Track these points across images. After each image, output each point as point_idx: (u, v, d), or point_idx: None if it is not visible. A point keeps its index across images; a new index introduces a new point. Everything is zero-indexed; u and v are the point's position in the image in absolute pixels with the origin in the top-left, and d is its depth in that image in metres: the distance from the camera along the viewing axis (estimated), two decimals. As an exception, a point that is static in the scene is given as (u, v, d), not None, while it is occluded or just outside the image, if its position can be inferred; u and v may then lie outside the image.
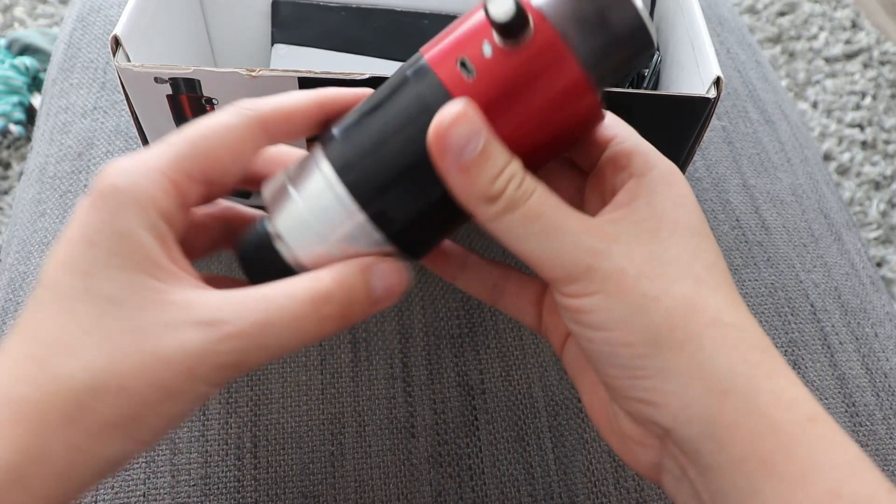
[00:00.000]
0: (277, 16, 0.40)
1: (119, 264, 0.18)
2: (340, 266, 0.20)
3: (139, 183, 0.19)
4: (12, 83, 0.89)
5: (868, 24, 1.11)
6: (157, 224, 0.19)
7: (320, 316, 0.19)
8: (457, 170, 0.19)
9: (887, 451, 0.32)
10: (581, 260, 0.19)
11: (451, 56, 0.20)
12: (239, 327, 0.18)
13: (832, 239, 0.39)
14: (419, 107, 0.20)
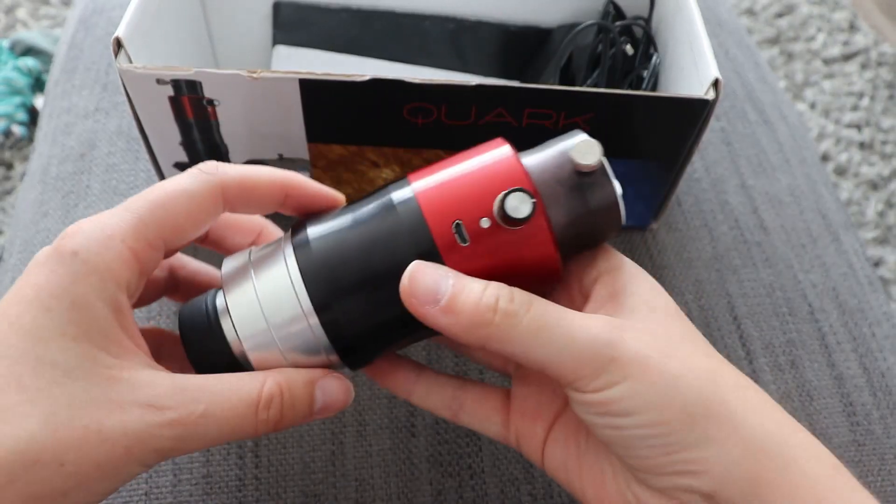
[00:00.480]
0: (278, 17, 0.40)
1: (73, 334, 0.18)
2: (289, 374, 0.21)
3: (100, 253, 0.19)
4: (15, 84, 0.89)
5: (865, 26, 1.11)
6: (116, 296, 0.19)
7: (259, 419, 0.20)
8: (441, 314, 0.19)
9: (884, 449, 0.32)
10: (602, 355, 0.19)
11: (448, 215, 0.21)
12: (181, 415, 0.18)
13: (830, 239, 0.39)
14: (404, 251, 0.20)
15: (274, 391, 0.20)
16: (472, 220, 0.20)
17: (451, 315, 0.19)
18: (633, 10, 0.40)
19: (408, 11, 0.41)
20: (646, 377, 0.19)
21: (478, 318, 0.19)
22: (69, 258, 0.18)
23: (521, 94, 0.29)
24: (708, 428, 0.19)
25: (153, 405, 0.18)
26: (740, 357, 0.34)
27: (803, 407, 0.33)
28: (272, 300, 0.21)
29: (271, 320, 0.21)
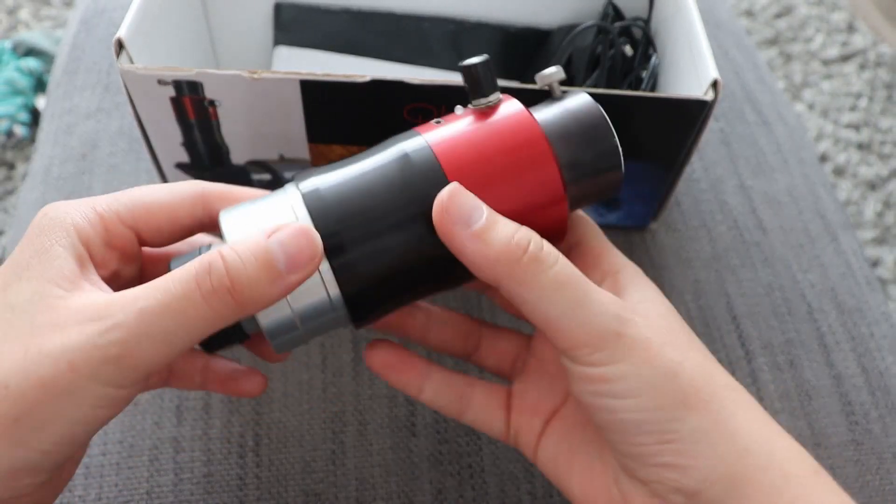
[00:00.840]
0: (279, 18, 0.41)
1: (30, 276, 0.19)
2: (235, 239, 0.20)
3: (68, 212, 0.21)
4: (17, 85, 0.89)
5: (864, 27, 1.11)
6: (76, 245, 0.20)
7: (204, 291, 0.18)
8: (470, 238, 0.19)
9: (882, 448, 0.32)
10: (610, 327, 0.19)
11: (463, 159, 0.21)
12: (119, 319, 0.18)
13: (828, 239, 0.39)
14: (422, 193, 0.20)
15: (212, 256, 0.18)
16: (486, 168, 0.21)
17: (479, 242, 0.19)
18: (633, 11, 0.40)
19: (408, 12, 0.41)
20: (647, 360, 0.19)
21: (506, 254, 0.19)
22: (39, 219, 0.20)
23: (520, 95, 0.30)
24: (699, 420, 0.19)
25: (91, 319, 0.18)
26: (739, 357, 0.34)
27: (802, 406, 0.33)
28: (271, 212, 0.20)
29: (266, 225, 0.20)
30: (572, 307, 0.19)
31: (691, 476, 0.19)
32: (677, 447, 0.19)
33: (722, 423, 0.20)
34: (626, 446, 0.20)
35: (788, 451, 0.20)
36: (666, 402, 0.19)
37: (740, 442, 0.20)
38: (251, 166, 0.34)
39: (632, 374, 0.19)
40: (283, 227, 0.19)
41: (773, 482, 0.19)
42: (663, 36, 0.37)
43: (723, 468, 0.19)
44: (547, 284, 0.19)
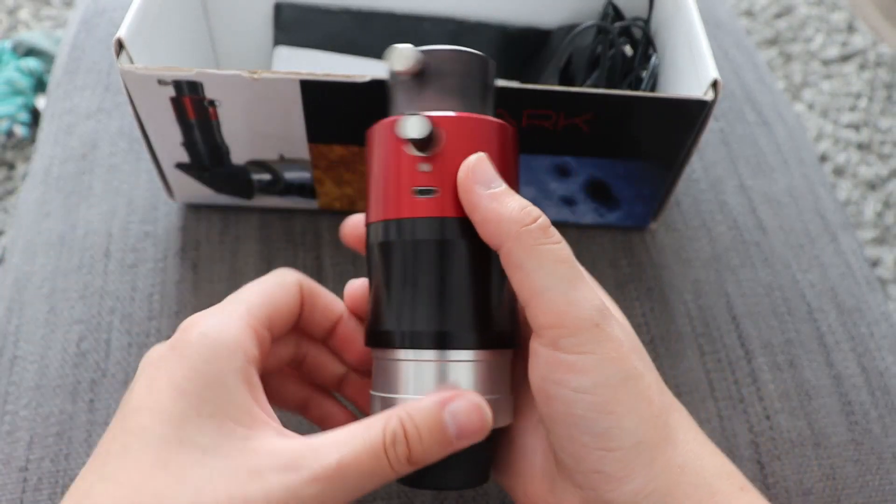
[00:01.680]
0: (279, 18, 0.41)
1: (209, 412, 0.19)
2: (410, 405, 0.20)
3: (227, 330, 0.20)
4: (17, 85, 0.89)
5: (864, 27, 1.11)
6: (246, 368, 0.20)
7: (391, 458, 0.19)
8: (488, 197, 0.21)
9: (882, 448, 0.32)
10: (591, 316, 0.20)
11: (405, 200, 0.22)
12: (317, 471, 0.18)
13: (828, 239, 0.39)
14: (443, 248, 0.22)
15: (395, 426, 0.20)
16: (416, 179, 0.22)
17: (495, 202, 0.20)
18: (633, 11, 0.40)
19: (408, 13, 0.41)
20: (614, 360, 0.20)
21: (518, 217, 0.20)
22: (198, 339, 0.20)
23: (520, 95, 0.30)
24: (646, 432, 0.20)
25: (289, 467, 0.18)
26: (739, 357, 0.34)
27: (802, 406, 0.33)
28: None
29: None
30: (564, 284, 0.20)
31: (625, 488, 0.20)
32: (618, 456, 0.20)
33: (665, 439, 0.20)
34: (569, 443, 0.20)
35: (719, 469, 0.21)
36: (620, 408, 0.20)
37: (678, 459, 0.20)
38: (251, 166, 0.34)
39: (597, 369, 0.20)
40: (458, 398, 0.20)
41: (701, 499, 0.20)
42: (663, 36, 0.37)
43: (657, 483, 0.20)
44: (547, 255, 0.20)
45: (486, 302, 0.22)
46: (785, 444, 0.32)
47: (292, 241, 0.36)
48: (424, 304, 0.21)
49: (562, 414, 0.20)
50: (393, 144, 0.22)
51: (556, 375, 0.20)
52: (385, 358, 0.22)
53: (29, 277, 0.35)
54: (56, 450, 0.30)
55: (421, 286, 0.22)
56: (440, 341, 0.21)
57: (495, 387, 0.22)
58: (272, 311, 0.22)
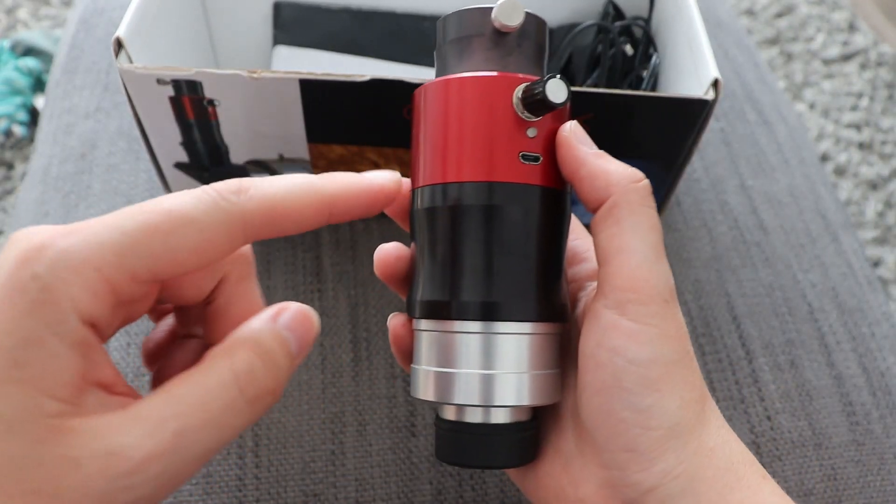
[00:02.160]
0: (279, 18, 0.41)
1: (17, 377, 0.15)
2: (247, 326, 0.17)
3: (66, 279, 0.15)
4: (16, 84, 0.89)
5: (865, 26, 1.11)
6: (77, 331, 0.16)
7: (252, 394, 0.16)
8: (595, 155, 0.21)
9: (883, 449, 0.32)
10: (665, 291, 0.20)
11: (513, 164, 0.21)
12: (151, 450, 0.15)
13: (829, 239, 0.39)
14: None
15: (246, 359, 0.17)
16: (528, 143, 0.21)
17: (602, 159, 0.21)
18: (633, 10, 0.40)
19: (408, 12, 0.41)
20: (674, 339, 0.20)
21: (626, 175, 0.20)
22: (27, 283, 0.15)
23: (520, 95, 0.30)
24: (685, 414, 0.20)
25: (114, 452, 0.15)
26: (740, 357, 0.34)
27: (803, 406, 0.33)
28: None
29: None
30: (652, 252, 0.20)
31: (655, 468, 0.19)
32: (655, 436, 0.19)
33: (701, 423, 0.20)
34: (607, 418, 0.20)
35: (743, 456, 0.21)
36: (667, 387, 0.19)
37: (709, 443, 0.20)
38: (250, 166, 0.34)
39: (656, 343, 0.19)
40: (285, 313, 0.18)
41: (727, 482, 0.20)
42: (664, 35, 0.37)
43: (685, 465, 0.19)
44: (646, 218, 0.20)
45: (557, 272, 0.22)
46: (786, 444, 0.32)
47: (291, 240, 0.36)
48: (504, 271, 0.21)
49: (608, 385, 0.20)
50: (502, 103, 0.21)
51: (615, 342, 0.19)
52: (433, 329, 0.21)
53: (28, 277, 0.35)
54: (55, 450, 0.30)
55: (508, 253, 0.21)
56: (516, 311, 0.21)
57: (550, 360, 0.22)
58: (161, 262, 0.16)
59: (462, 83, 0.21)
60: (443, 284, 0.21)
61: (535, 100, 0.20)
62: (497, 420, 0.21)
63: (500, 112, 0.21)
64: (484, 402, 0.21)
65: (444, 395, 0.21)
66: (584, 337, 0.21)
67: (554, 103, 0.20)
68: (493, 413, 0.21)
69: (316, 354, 0.33)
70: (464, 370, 0.21)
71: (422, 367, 0.22)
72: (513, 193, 0.21)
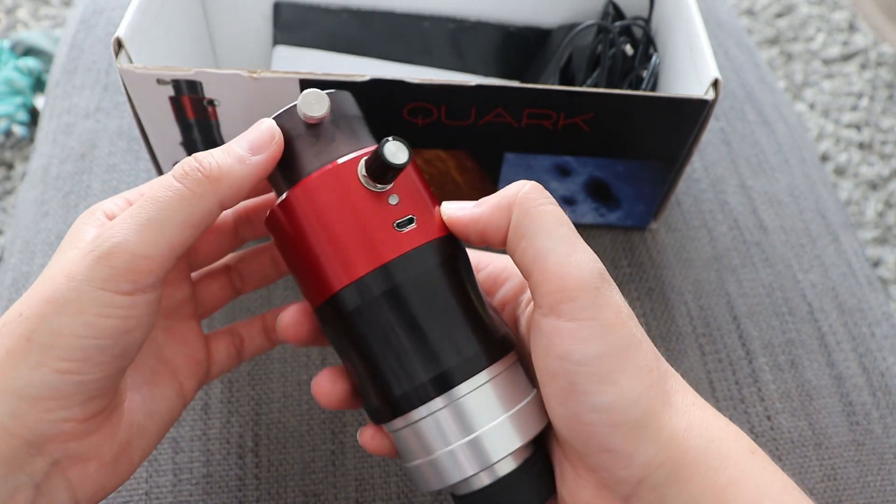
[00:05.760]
0: (279, 18, 0.41)
1: (59, 252, 0.21)
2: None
3: (97, 204, 0.22)
4: (16, 84, 0.89)
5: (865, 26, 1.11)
6: (100, 219, 0.22)
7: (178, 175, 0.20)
8: (477, 206, 0.21)
9: (884, 449, 0.32)
10: (592, 278, 0.20)
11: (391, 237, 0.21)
12: (108, 224, 0.20)
13: (829, 239, 0.39)
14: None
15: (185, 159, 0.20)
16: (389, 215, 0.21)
17: (485, 203, 0.21)
18: (633, 10, 0.40)
19: (408, 12, 0.41)
20: (614, 326, 0.19)
21: (514, 189, 0.21)
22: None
23: (520, 95, 0.30)
24: (651, 401, 0.19)
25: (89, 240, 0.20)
26: (740, 357, 0.34)
27: (803, 406, 0.33)
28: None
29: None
30: (565, 245, 0.20)
31: (636, 462, 0.19)
32: (624, 431, 0.19)
33: (666, 405, 0.20)
34: (576, 425, 0.20)
35: (724, 432, 0.20)
36: (623, 378, 0.19)
37: (681, 423, 0.20)
38: (250, 166, 0.34)
39: (598, 337, 0.19)
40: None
41: (711, 463, 0.19)
42: (664, 35, 0.37)
43: (668, 452, 0.19)
44: (547, 216, 0.20)
45: (482, 308, 0.21)
46: (786, 444, 0.32)
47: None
48: (437, 338, 0.20)
49: (567, 392, 0.20)
50: (350, 187, 0.20)
51: (560, 347, 0.19)
52: (404, 426, 0.21)
53: (27, 277, 0.35)
54: (54, 450, 0.30)
55: (432, 319, 0.20)
56: (466, 369, 0.20)
57: (521, 390, 0.21)
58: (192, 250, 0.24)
59: (305, 189, 0.21)
60: (389, 382, 0.21)
61: (379, 169, 0.20)
62: (505, 471, 0.21)
63: (353, 197, 0.20)
64: (483, 466, 0.20)
65: (444, 478, 0.21)
66: (534, 351, 0.21)
67: (397, 165, 0.20)
68: (498, 467, 0.21)
69: (316, 354, 0.33)
70: (448, 447, 0.20)
71: (412, 463, 0.21)
72: (409, 263, 0.20)
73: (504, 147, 0.32)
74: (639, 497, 0.20)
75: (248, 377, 0.32)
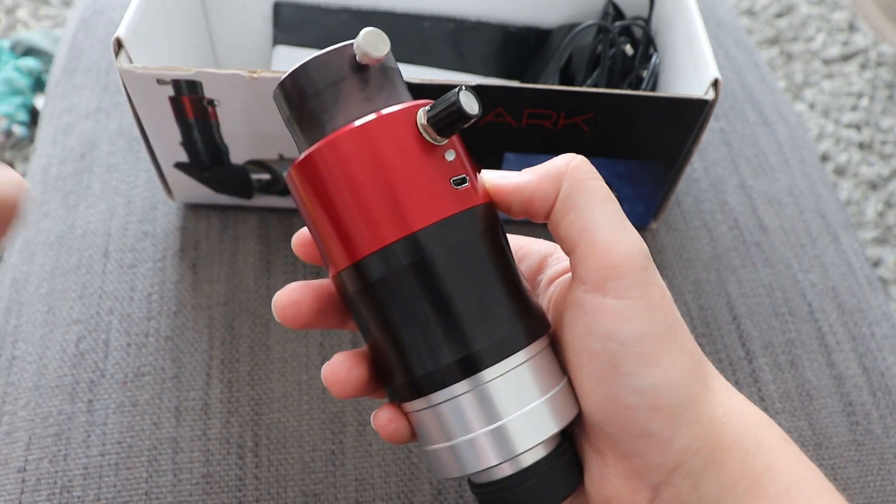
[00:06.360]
0: (279, 18, 0.41)
1: None
2: None
3: None
4: (16, 84, 0.89)
5: (865, 26, 1.11)
6: None
7: None
8: (522, 175, 0.20)
9: (883, 449, 0.32)
10: (639, 257, 0.19)
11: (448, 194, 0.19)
12: None
13: (829, 239, 0.39)
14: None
15: None
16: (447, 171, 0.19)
17: (531, 171, 0.20)
18: (633, 10, 0.40)
19: (408, 12, 0.41)
20: (659, 307, 0.19)
21: (564, 160, 0.20)
22: None
23: (520, 94, 0.30)
24: (691, 385, 0.19)
25: None
26: (740, 357, 0.34)
27: (803, 406, 0.33)
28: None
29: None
30: (614, 221, 0.19)
31: (675, 447, 0.19)
32: (667, 414, 0.19)
33: (706, 389, 0.19)
34: (614, 408, 0.19)
35: (758, 417, 0.20)
36: (667, 360, 0.19)
37: (719, 409, 0.19)
38: (250, 166, 0.34)
39: (644, 317, 0.19)
40: None
41: (748, 448, 0.19)
42: (664, 35, 0.37)
43: (705, 436, 0.19)
44: (597, 190, 0.20)
45: (520, 280, 0.20)
46: (786, 444, 0.32)
47: (291, 240, 0.36)
48: (474, 312, 0.19)
49: (606, 373, 0.19)
50: (409, 138, 0.19)
51: (604, 326, 0.19)
52: (434, 403, 0.19)
53: (27, 277, 0.35)
54: (54, 450, 0.30)
55: (472, 289, 0.19)
56: (497, 351, 0.19)
57: (556, 373, 0.20)
58: None
59: (358, 135, 0.18)
60: (414, 360, 0.19)
61: (449, 118, 0.18)
62: (528, 462, 0.19)
63: (411, 147, 0.19)
64: (506, 457, 0.19)
65: (464, 467, 0.19)
66: (570, 330, 0.20)
67: (471, 115, 0.18)
68: (522, 458, 0.19)
69: (316, 354, 0.33)
70: (470, 435, 0.19)
71: (429, 447, 0.20)
72: (462, 224, 0.19)
73: (504, 147, 0.32)
74: (671, 484, 0.19)
75: (248, 377, 0.32)
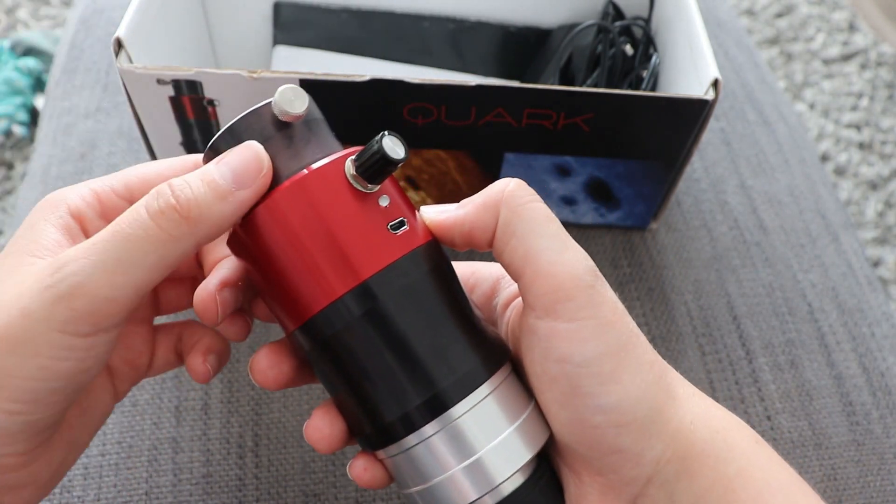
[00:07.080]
0: (279, 18, 0.41)
1: (13, 251, 0.19)
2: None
3: (63, 192, 0.21)
4: (16, 85, 0.89)
5: (865, 26, 1.11)
6: (65, 218, 0.20)
7: (152, 213, 0.18)
8: (460, 208, 0.21)
9: (883, 449, 0.32)
10: (586, 277, 0.19)
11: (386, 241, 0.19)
12: (71, 255, 0.18)
13: (829, 239, 0.39)
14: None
15: (160, 185, 0.18)
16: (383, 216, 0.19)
17: (469, 204, 0.20)
18: (633, 10, 0.40)
19: (408, 12, 0.41)
20: (611, 323, 0.19)
21: (499, 187, 0.20)
22: (39, 202, 0.21)
23: (520, 94, 0.30)
24: (656, 398, 0.19)
25: (49, 267, 0.18)
26: (740, 357, 0.34)
27: (803, 406, 0.33)
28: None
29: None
30: (557, 243, 0.19)
31: (646, 460, 0.19)
32: (634, 429, 0.19)
33: (673, 398, 0.19)
34: (581, 429, 0.19)
35: (727, 421, 0.20)
36: (626, 376, 0.19)
37: (686, 416, 0.19)
38: (250, 166, 0.34)
39: (597, 336, 0.18)
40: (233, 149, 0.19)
41: (718, 454, 0.19)
42: (664, 35, 0.37)
43: (675, 446, 0.19)
44: (536, 213, 0.19)
45: (472, 313, 0.20)
46: (786, 444, 0.32)
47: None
48: (433, 353, 0.19)
49: (568, 396, 0.19)
50: (339, 189, 0.19)
51: (559, 350, 0.19)
52: (406, 447, 0.19)
53: (27, 277, 0.35)
54: (54, 450, 0.30)
55: (428, 329, 0.19)
56: (461, 387, 0.19)
57: (523, 399, 0.20)
58: (139, 182, 0.22)
59: (287, 195, 0.18)
60: (381, 407, 0.19)
61: (375, 166, 0.18)
62: (509, 490, 0.19)
63: (343, 200, 0.18)
64: (485, 489, 0.19)
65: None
66: (528, 356, 0.20)
67: (396, 159, 0.18)
68: (502, 488, 0.19)
69: (316, 354, 0.33)
70: (447, 474, 0.19)
71: (408, 490, 0.20)
72: (406, 266, 0.19)
73: (504, 147, 0.32)
74: (647, 496, 0.19)
75: (248, 378, 0.32)
